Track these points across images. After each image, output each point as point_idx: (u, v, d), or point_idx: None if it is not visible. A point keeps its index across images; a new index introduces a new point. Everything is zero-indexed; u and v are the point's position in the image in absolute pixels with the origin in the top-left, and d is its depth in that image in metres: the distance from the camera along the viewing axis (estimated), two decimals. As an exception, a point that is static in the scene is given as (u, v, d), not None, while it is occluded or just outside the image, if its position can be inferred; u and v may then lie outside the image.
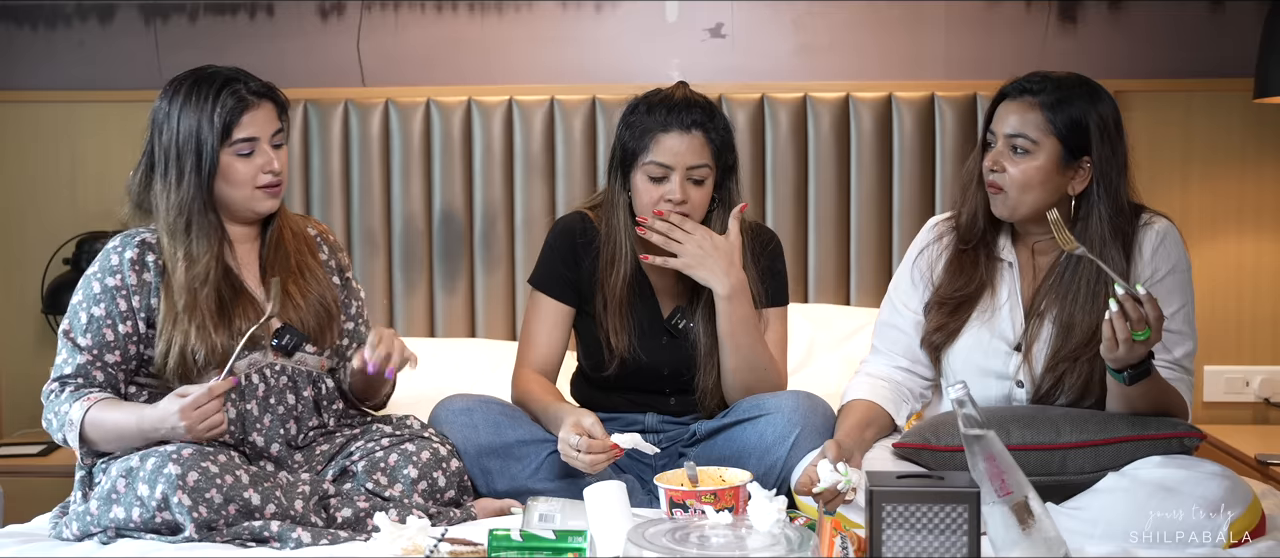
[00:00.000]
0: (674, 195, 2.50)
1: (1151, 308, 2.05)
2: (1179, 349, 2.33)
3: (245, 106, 2.34)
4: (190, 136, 2.32)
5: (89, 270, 2.37)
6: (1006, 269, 2.44)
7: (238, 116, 2.33)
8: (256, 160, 2.36)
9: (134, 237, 2.39)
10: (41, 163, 3.58)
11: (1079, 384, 2.33)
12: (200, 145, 2.32)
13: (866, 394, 2.47)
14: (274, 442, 2.38)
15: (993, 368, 2.40)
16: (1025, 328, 2.39)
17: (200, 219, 2.33)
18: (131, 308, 2.34)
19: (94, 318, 2.33)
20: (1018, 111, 2.35)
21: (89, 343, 2.33)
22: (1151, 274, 2.35)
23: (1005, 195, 2.36)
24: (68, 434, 2.30)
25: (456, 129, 3.47)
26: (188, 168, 2.32)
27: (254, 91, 2.36)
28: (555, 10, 3.55)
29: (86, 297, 2.35)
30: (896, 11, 3.51)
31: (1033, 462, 2.18)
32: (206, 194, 2.34)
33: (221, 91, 2.33)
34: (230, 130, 2.33)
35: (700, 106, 2.53)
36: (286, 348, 2.32)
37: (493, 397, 2.59)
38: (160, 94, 2.39)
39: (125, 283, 2.34)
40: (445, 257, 3.50)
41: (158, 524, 2.16)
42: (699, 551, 1.80)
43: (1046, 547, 1.84)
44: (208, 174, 2.33)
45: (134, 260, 2.35)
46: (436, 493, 2.35)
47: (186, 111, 2.32)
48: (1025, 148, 2.34)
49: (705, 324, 2.58)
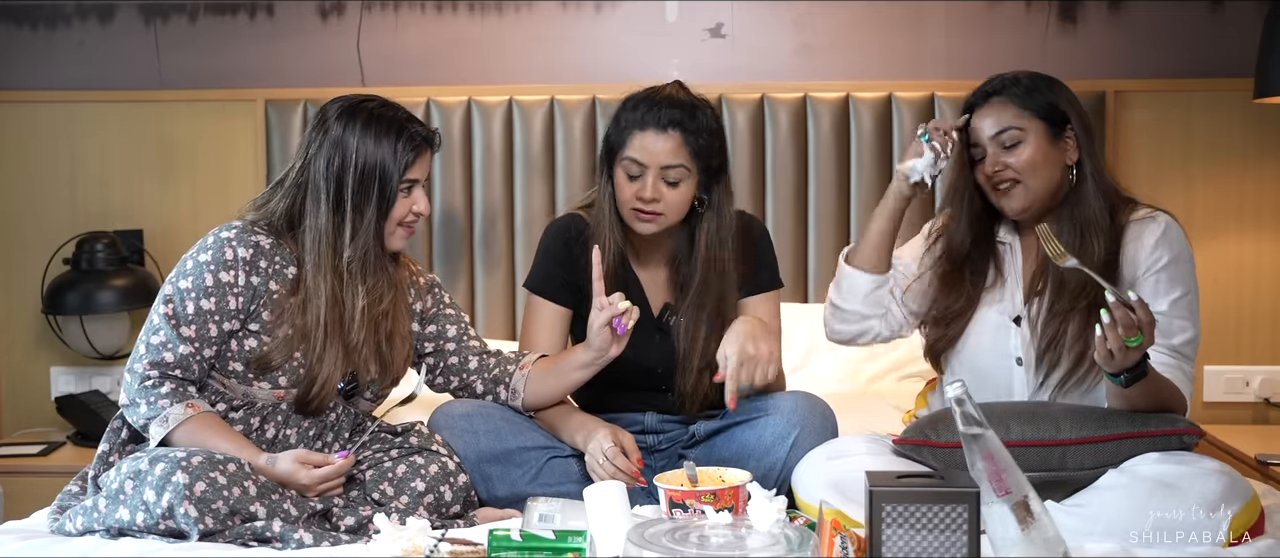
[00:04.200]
0: (644, 193, 2.47)
1: (1143, 312, 2.06)
2: (1179, 337, 2.34)
3: (420, 151, 2.37)
4: (374, 170, 2.33)
5: (200, 257, 2.33)
6: (1007, 252, 2.48)
7: (415, 160, 2.36)
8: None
9: (249, 235, 2.35)
10: (41, 163, 3.59)
11: (1078, 349, 2.35)
12: (385, 179, 2.33)
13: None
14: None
15: (994, 345, 2.43)
16: (1026, 307, 2.42)
17: (377, 255, 2.36)
18: (238, 308, 2.32)
19: (202, 311, 2.30)
20: (993, 113, 2.42)
21: (193, 334, 2.30)
22: (1154, 262, 2.37)
23: (1021, 186, 2.39)
24: (155, 427, 2.28)
25: (456, 129, 3.47)
26: (370, 201, 2.33)
27: (425, 138, 2.39)
28: (555, 10, 3.55)
29: (197, 286, 2.31)
30: (897, 11, 3.51)
31: (1033, 457, 2.19)
32: (382, 230, 2.36)
33: (404, 131, 2.35)
34: (407, 169, 2.35)
35: (680, 106, 2.49)
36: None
37: (493, 402, 2.58)
38: (325, 119, 2.36)
39: (237, 281, 2.32)
40: (445, 257, 3.50)
41: (161, 531, 2.15)
42: (699, 551, 1.80)
43: (1046, 546, 1.84)
44: (386, 213, 2.35)
45: (247, 260, 2.33)
46: (442, 507, 2.35)
47: (368, 144, 2.33)
48: (1015, 138, 2.40)
49: (691, 322, 2.57)
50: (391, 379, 2.48)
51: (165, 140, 3.57)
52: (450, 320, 2.56)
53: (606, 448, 2.36)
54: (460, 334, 2.56)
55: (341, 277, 2.34)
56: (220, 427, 2.29)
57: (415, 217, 2.40)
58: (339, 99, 2.40)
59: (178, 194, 3.56)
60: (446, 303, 2.58)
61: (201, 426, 2.27)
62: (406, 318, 2.49)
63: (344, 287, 2.34)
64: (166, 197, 3.56)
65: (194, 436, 2.26)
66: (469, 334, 2.58)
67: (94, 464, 2.36)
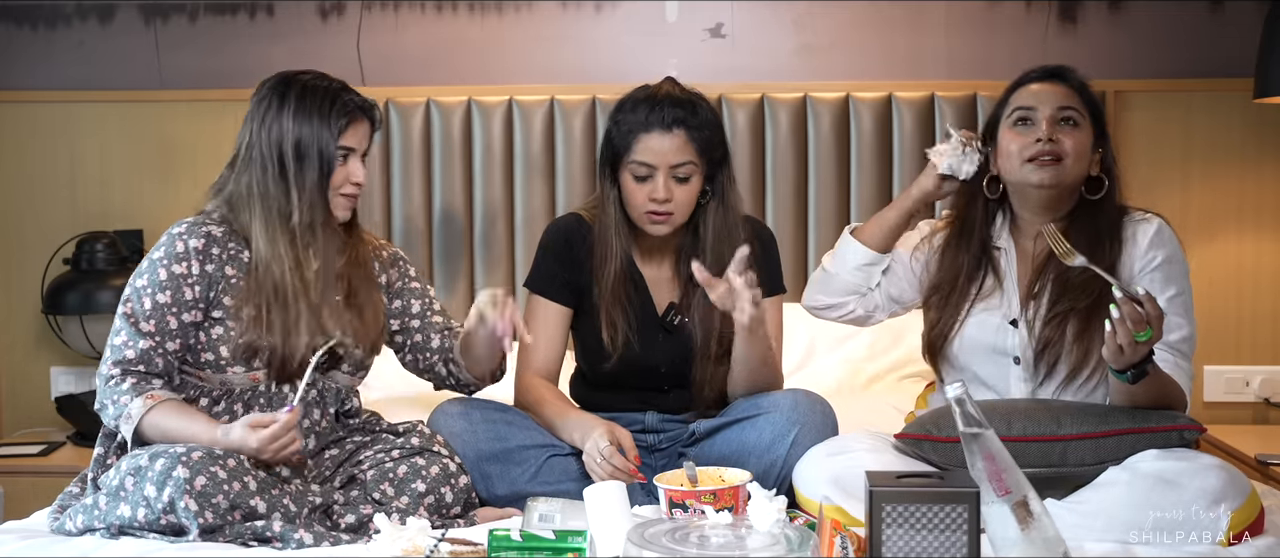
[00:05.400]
0: (658, 194, 2.49)
1: (1151, 307, 2.07)
2: (1175, 334, 2.35)
3: (353, 118, 2.41)
4: (311, 140, 2.38)
5: (154, 255, 2.39)
6: (1003, 256, 2.48)
7: (347, 126, 2.40)
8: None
9: (200, 226, 2.40)
10: (41, 163, 3.58)
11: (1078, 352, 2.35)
12: (322, 149, 2.38)
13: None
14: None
15: (992, 344, 2.43)
16: (1022, 309, 2.41)
17: (326, 220, 2.41)
18: (196, 297, 2.36)
19: (159, 305, 2.35)
20: (1059, 91, 2.44)
21: (152, 329, 2.34)
22: (1149, 262, 2.39)
23: (1062, 165, 2.39)
24: (123, 426, 2.31)
25: (456, 129, 3.47)
26: (308, 169, 2.38)
27: (359, 106, 2.44)
28: (555, 10, 3.55)
29: (152, 282, 2.36)
30: (897, 11, 3.51)
31: (1033, 453, 2.20)
32: (326, 196, 2.40)
33: (336, 99, 2.40)
34: (340, 135, 2.40)
35: (681, 103, 2.51)
36: (321, 367, 2.38)
37: (493, 401, 2.59)
38: (261, 96, 2.42)
39: (191, 271, 2.36)
40: (445, 257, 3.50)
41: (162, 526, 2.16)
42: (699, 551, 1.80)
43: (1045, 546, 1.84)
44: (327, 176, 2.39)
45: (199, 250, 2.37)
46: (443, 508, 2.35)
47: (302, 115, 2.38)
48: (1075, 120, 2.42)
49: (699, 320, 2.58)
50: (367, 348, 2.49)
51: (165, 140, 3.57)
52: (415, 294, 2.60)
53: (603, 446, 2.36)
54: (424, 310, 2.59)
55: (295, 242, 2.38)
56: (180, 409, 2.32)
57: (354, 187, 2.43)
58: (274, 75, 2.45)
59: (178, 194, 3.55)
60: (411, 276, 2.62)
61: (162, 413, 2.30)
62: (375, 289, 2.52)
63: (299, 251, 2.38)
64: (166, 197, 3.56)
65: (158, 424, 2.29)
66: (432, 310, 2.61)
67: (92, 467, 2.38)
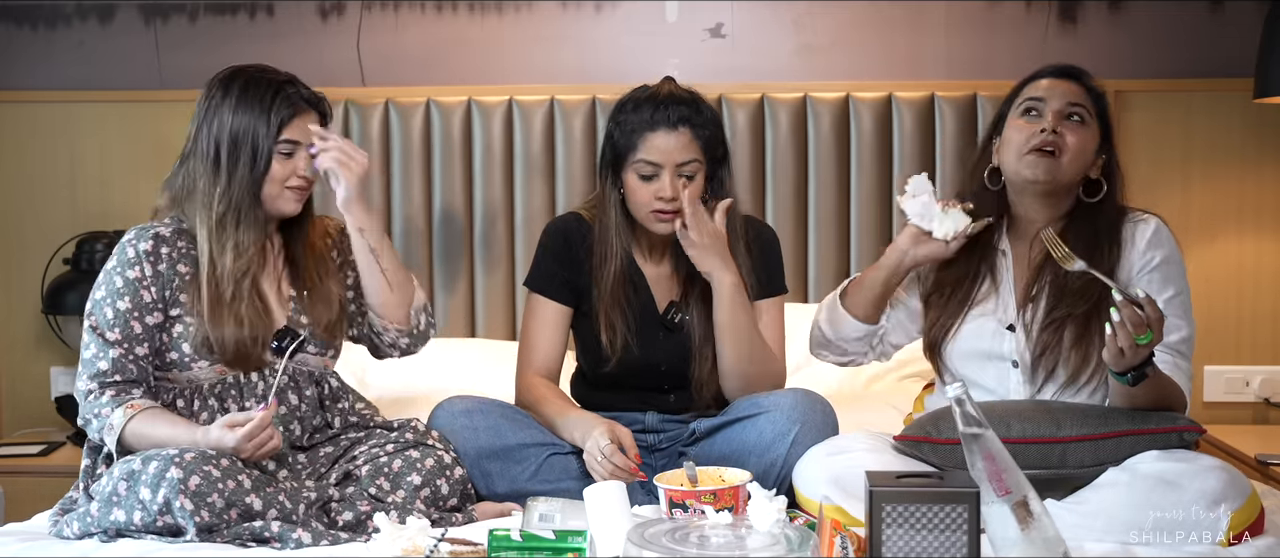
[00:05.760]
0: (665, 193, 2.50)
1: (1151, 310, 2.07)
2: (1174, 335, 2.35)
3: (297, 111, 2.42)
4: (247, 133, 2.39)
5: (108, 266, 2.40)
6: (1001, 258, 2.47)
7: (290, 119, 2.41)
8: (291, 163, 2.42)
9: (148, 230, 2.42)
10: (41, 163, 3.58)
11: (1077, 356, 2.35)
12: (257, 142, 2.39)
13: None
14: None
15: (989, 349, 2.43)
16: (1019, 312, 2.41)
17: (249, 213, 2.40)
18: (154, 299, 2.37)
19: (120, 312, 2.36)
20: (1071, 88, 2.43)
21: (119, 337, 2.35)
22: (1147, 263, 2.38)
23: (1061, 160, 2.39)
24: (107, 437, 2.32)
25: (456, 129, 3.47)
26: (242, 162, 2.39)
27: (305, 98, 2.45)
28: (555, 10, 3.55)
29: (109, 292, 2.38)
30: (897, 11, 3.51)
31: (1033, 455, 2.20)
32: (258, 189, 2.40)
33: (278, 93, 2.41)
34: (280, 130, 2.40)
35: (685, 102, 2.53)
36: (284, 350, 2.37)
37: (493, 399, 2.58)
38: (209, 89, 2.44)
39: (144, 274, 2.37)
40: (445, 257, 3.50)
41: (159, 528, 2.16)
42: (699, 551, 1.80)
43: (1045, 546, 1.84)
44: (262, 171, 2.39)
45: (149, 252, 2.39)
46: (439, 500, 2.35)
47: (242, 108, 2.39)
48: (1082, 117, 2.41)
49: (699, 317, 2.58)
50: (326, 328, 2.48)
51: (165, 140, 3.55)
52: (352, 267, 2.59)
53: (603, 445, 2.36)
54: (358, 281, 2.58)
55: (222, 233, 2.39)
56: (160, 415, 2.33)
57: (301, 180, 2.44)
58: (223, 69, 2.46)
59: (178, 194, 3.55)
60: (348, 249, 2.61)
61: (143, 421, 2.31)
62: (332, 275, 2.53)
63: (222, 241, 2.39)
64: (166, 197, 3.56)
65: (140, 432, 2.30)
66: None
67: (81, 478, 2.39)
